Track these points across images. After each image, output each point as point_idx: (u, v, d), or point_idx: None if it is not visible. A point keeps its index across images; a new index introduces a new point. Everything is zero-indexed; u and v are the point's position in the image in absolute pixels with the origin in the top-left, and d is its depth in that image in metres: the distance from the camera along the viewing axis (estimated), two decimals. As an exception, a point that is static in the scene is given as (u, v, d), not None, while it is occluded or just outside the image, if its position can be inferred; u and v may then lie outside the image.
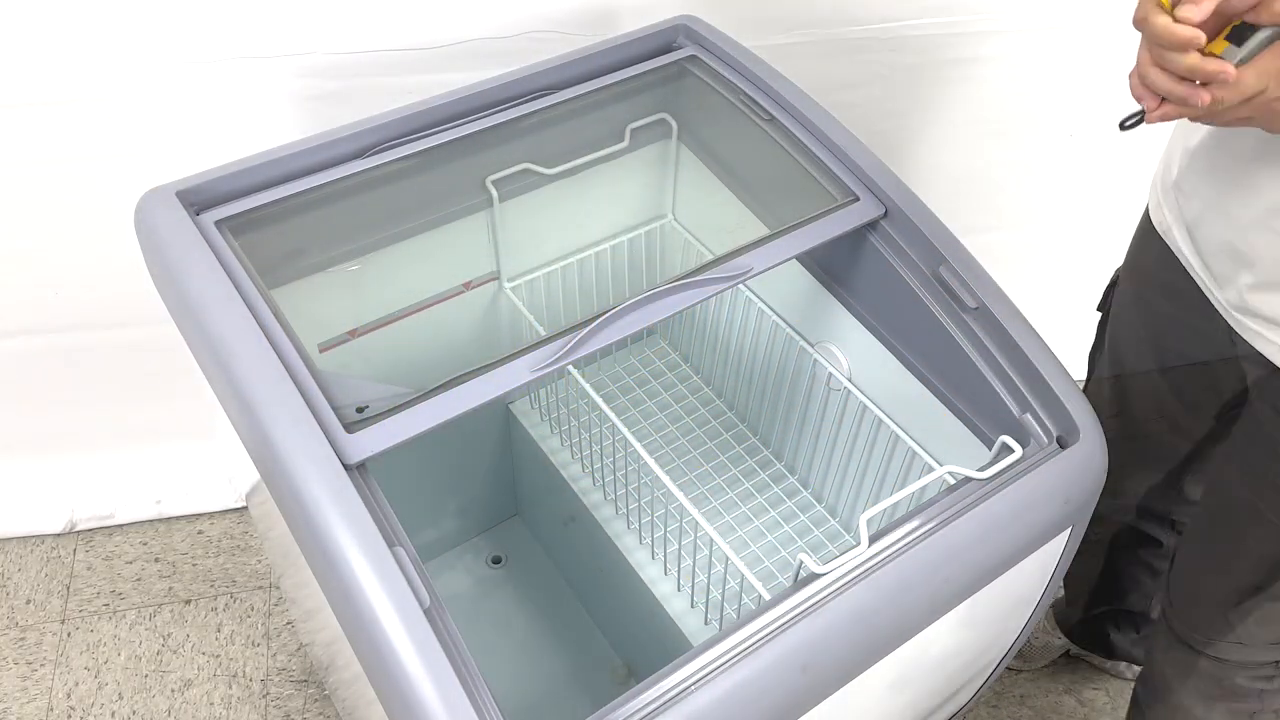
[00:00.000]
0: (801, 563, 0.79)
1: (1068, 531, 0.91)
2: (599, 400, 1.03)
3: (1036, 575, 0.95)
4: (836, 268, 1.05)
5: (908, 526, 0.79)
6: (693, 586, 1.11)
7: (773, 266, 0.89)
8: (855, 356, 1.09)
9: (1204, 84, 0.67)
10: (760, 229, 1.02)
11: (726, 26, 1.10)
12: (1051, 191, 1.69)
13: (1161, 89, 0.69)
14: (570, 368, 0.92)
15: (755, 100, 1.03)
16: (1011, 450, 0.85)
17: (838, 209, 0.95)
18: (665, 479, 0.96)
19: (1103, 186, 1.66)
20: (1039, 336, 0.90)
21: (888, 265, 0.96)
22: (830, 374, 1.12)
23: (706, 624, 1.09)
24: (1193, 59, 0.66)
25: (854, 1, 1.38)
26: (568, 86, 1.03)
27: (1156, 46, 0.68)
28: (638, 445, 0.99)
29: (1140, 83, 0.71)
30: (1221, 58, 0.67)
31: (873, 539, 0.79)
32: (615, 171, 1.13)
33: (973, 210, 1.64)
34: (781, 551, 1.21)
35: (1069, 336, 1.18)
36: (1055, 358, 0.89)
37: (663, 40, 1.09)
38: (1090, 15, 1.45)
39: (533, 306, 1.16)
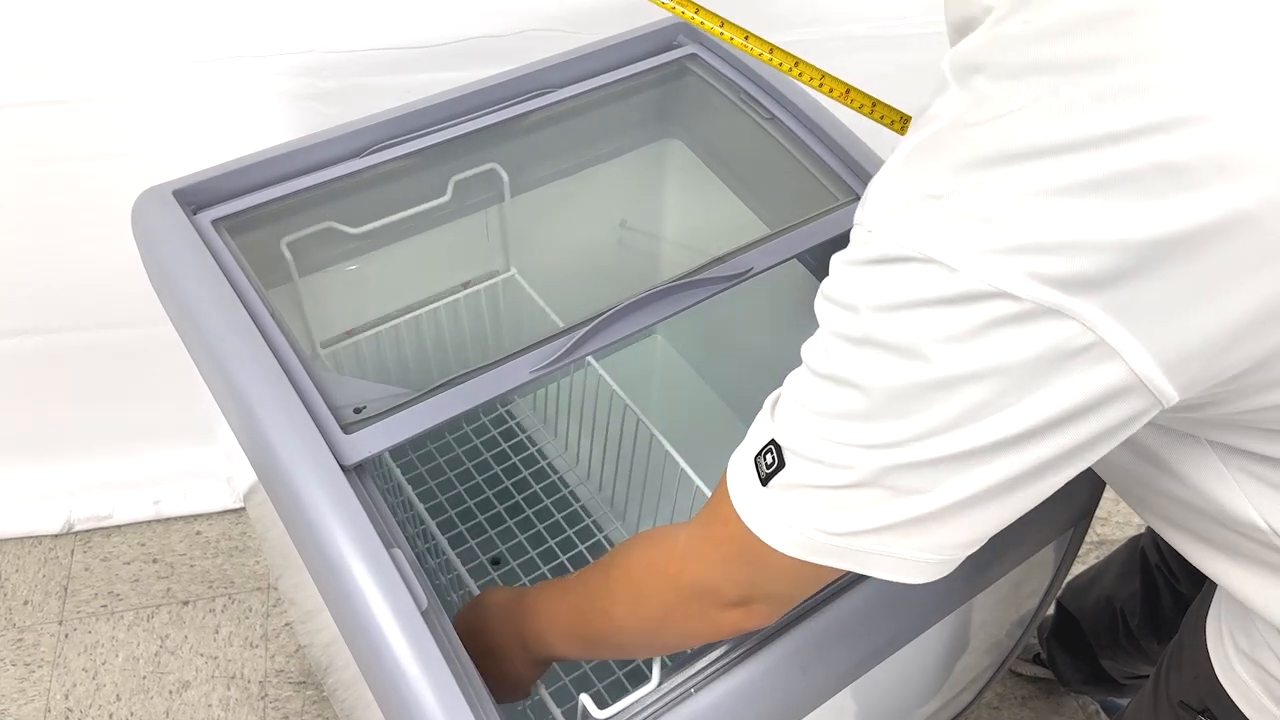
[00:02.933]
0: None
1: (1069, 534, 0.91)
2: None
3: (1036, 577, 0.95)
4: (837, 267, 1.05)
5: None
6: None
7: (773, 266, 0.89)
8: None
9: None
10: (760, 228, 1.02)
11: (726, 25, 1.10)
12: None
13: None
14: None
15: (755, 99, 1.03)
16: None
17: (838, 208, 0.94)
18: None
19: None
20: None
21: (888, 265, 0.96)
22: None
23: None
24: None
25: (855, 0, 1.38)
26: (567, 85, 1.03)
27: None
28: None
29: None
30: None
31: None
32: (616, 170, 1.13)
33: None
34: (782, 552, 1.21)
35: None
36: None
37: (663, 39, 1.08)
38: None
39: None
